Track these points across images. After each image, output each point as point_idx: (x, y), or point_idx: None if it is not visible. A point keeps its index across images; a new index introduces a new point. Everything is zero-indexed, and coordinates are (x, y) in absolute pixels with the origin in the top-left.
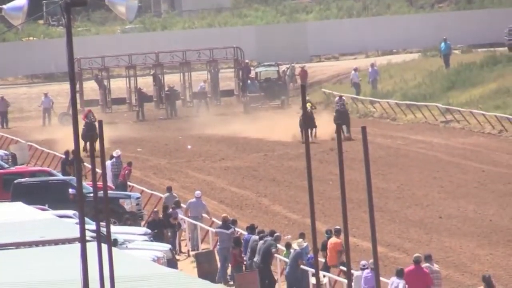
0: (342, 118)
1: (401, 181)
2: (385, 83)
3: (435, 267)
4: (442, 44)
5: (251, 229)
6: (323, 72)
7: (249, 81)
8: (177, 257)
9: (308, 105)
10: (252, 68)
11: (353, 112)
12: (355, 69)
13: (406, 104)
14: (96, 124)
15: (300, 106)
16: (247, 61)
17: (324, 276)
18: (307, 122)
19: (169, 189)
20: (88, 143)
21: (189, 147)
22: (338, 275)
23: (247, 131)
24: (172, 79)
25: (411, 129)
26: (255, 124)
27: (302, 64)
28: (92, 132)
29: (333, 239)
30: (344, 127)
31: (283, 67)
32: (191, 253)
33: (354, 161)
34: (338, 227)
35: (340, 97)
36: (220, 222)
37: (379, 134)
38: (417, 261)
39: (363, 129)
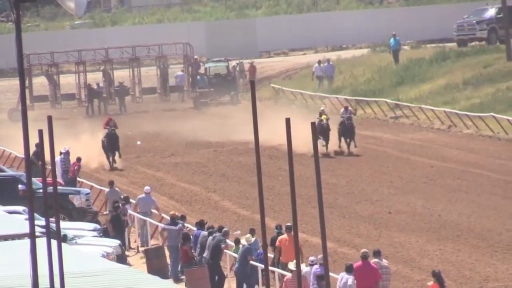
0: (346, 132)
1: (350, 177)
2: (335, 78)
3: (384, 262)
4: (392, 40)
5: (200, 224)
6: (273, 67)
7: (198, 77)
8: (126, 253)
9: (323, 117)
10: (201, 63)
11: (301, 106)
12: (319, 62)
13: (355, 100)
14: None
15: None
16: (196, 56)
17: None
18: (324, 134)
19: (111, 184)
20: (111, 155)
21: (138, 142)
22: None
23: (198, 127)
24: (121, 74)
25: (361, 125)
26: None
27: (251, 60)
28: (115, 143)
29: (285, 236)
30: (347, 140)
31: (232, 63)
32: (141, 249)
33: (303, 157)
34: (289, 224)
35: (346, 108)
36: (169, 218)
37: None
38: (364, 257)
39: (312, 124)
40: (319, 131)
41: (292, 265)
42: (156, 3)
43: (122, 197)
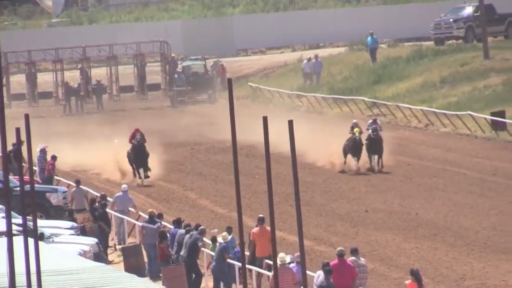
0: (374, 146)
1: (327, 175)
2: (313, 77)
3: (362, 260)
4: (369, 38)
5: (177, 223)
6: (250, 66)
7: (176, 75)
8: None
9: (356, 130)
10: (179, 62)
11: (278, 105)
12: (309, 59)
13: (332, 98)
14: (145, 145)
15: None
16: (173, 55)
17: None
18: (356, 149)
19: (77, 183)
20: (139, 169)
21: (115, 141)
22: (264, 269)
23: (175, 125)
24: (99, 73)
25: (338, 123)
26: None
27: (220, 60)
28: (144, 156)
29: (257, 229)
30: (375, 157)
31: (210, 61)
32: (118, 247)
33: (280, 156)
34: (261, 215)
35: (375, 120)
36: (147, 216)
37: (306, 128)
38: (340, 255)
39: (290, 123)
40: (351, 146)
41: (278, 260)
42: (134, 1)
43: (100, 195)
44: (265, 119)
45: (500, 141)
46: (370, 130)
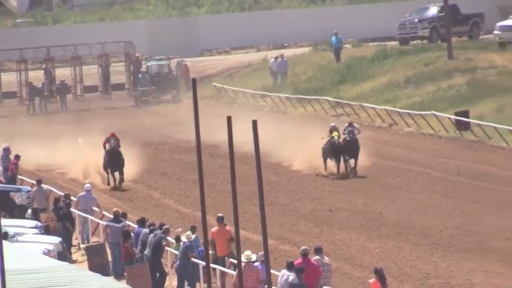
0: (350, 149)
1: (291, 175)
2: (270, 77)
3: (326, 259)
4: (333, 38)
5: (141, 222)
6: (214, 66)
7: (140, 75)
8: None
9: (335, 134)
10: (143, 62)
11: (242, 105)
12: (275, 58)
13: (296, 98)
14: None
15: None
16: (138, 55)
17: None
18: (335, 152)
19: (38, 183)
20: (114, 173)
21: (79, 141)
22: (228, 268)
23: (139, 125)
24: (63, 73)
25: (302, 123)
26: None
27: (190, 59)
28: (119, 161)
29: (216, 228)
30: (351, 160)
31: (174, 61)
32: (82, 246)
33: (245, 156)
34: (220, 214)
35: (351, 123)
36: (111, 216)
37: (270, 128)
38: (304, 254)
39: (254, 122)
40: (330, 149)
41: (243, 257)
42: (98, 1)
43: (63, 194)
44: (229, 119)
45: (464, 141)
46: (346, 133)
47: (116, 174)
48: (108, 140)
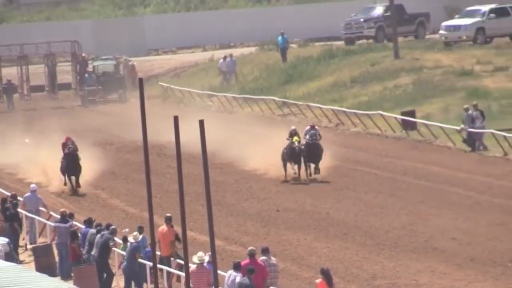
0: (311, 153)
1: (238, 174)
2: (220, 77)
3: (273, 260)
4: (279, 38)
5: (88, 222)
6: (161, 65)
7: (86, 75)
8: None
9: (296, 139)
10: (89, 62)
11: (189, 105)
12: (224, 57)
13: (243, 98)
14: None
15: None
16: (84, 54)
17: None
18: (295, 158)
19: None
20: (72, 177)
21: (26, 140)
22: (175, 268)
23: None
24: (9, 72)
25: (248, 123)
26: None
27: (136, 59)
28: (76, 165)
29: (164, 227)
30: (311, 165)
31: (122, 61)
32: (29, 246)
33: (192, 156)
34: (168, 214)
35: (312, 126)
36: (58, 216)
37: (217, 127)
38: (251, 254)
39: (201, 122)
40: (290, 154)
41: (196, 258)
42: (45, 1)
43: (10, 194)
44: (176, 119)
45: (410, 141)
46: (307, 137)
47: (73, 178)
48: (65, 144)
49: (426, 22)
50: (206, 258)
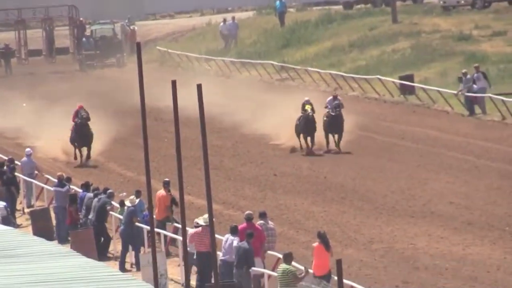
0: (334, 124)
1: (236, 139)
2: (221, 41)
3: (270, 224)
4: (277, 2)
5: (86, 186)
6: (159, 30)
7: (84, 39)
8: None
9: (308, 107)
10: (87, 26)
11: (187, 69)
12: (224, 21)
13: (241, 62)
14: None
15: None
16: (82, 19)
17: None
18: (309, 127)
19: None
20: (80, 149)
21: (24, 105)
22: (175, 233)
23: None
24: (7, 37)
25: (246, 87)
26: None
27: (131, 25)
28: (88, 135)
29: (162, 192)
30: (335, 136)
31: (118, 25)
32: (26, 210)
33: (189, 120)
34: (167, 179)
35: (335, 97)
36: (55, 180)
37: (214, 92)
38: (249, 218)
39: (199, 86)
40: (303, 124)
41: (201, 220)
42: None
43: (7, 158)
44: (173, 83)
45: (408, 105)
46: (330, 108)
47: (84, 149)
48: (77, 113)
49: None
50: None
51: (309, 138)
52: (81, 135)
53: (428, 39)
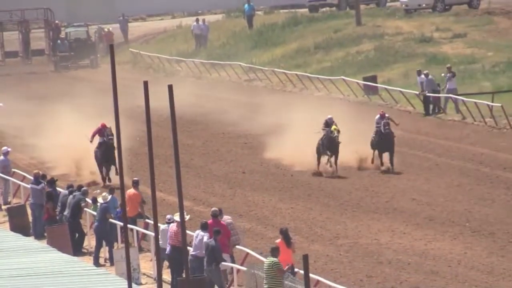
0: (384, 143)
1: (205, 137)
2: (191, 43)
3: (227, 219)
4: (246, 6)
5: (50, 182)
6: (131, 32)
7: (59, 41)
8: None
9: (334, 128)
10: (62, 28)
11: (158, 70)
12: (197, 20)
13: (210, 63)
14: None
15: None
16: (57, 21)
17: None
18: (332, 148)
19: None
20: (106, 169)
21: (1, 104)
22: (146, 228)
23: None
24: None
25: (216, 88)
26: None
27: (108, 27)
28: (112, 156)
29: (132, 190)
30: (386, 154)
31: (93, 28)
32: (3, 207)
33: (160, 119)
34: (136, 178)
35: (382, 115)
36: (32, 178)
37: (185, 92)
38: (214, 215)
39: (170, 87)
40: (327, 144)
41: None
42: None
43: None
44: (145, 83)
45: (372, 105)
46: (380, 126)
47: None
48: (100, 132)
49: None
50: (187, 218)
51: (333, 158)
52: (106, 155)
53: (391, 41)
